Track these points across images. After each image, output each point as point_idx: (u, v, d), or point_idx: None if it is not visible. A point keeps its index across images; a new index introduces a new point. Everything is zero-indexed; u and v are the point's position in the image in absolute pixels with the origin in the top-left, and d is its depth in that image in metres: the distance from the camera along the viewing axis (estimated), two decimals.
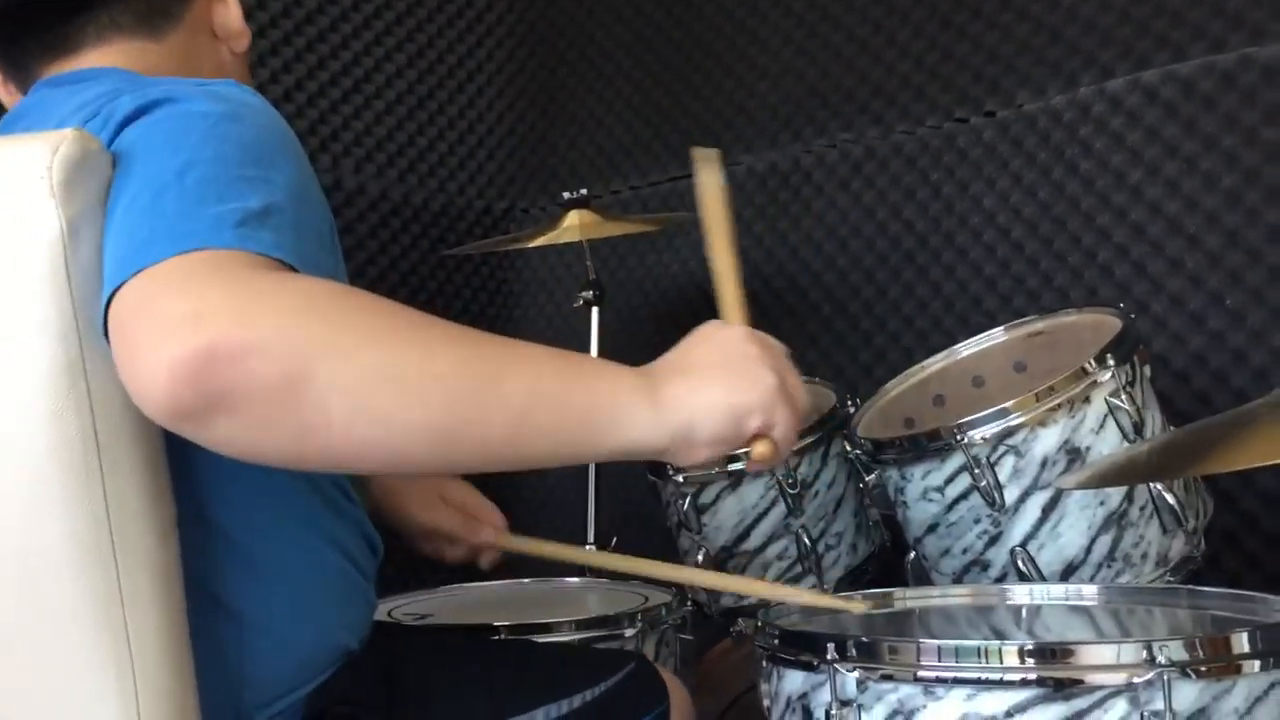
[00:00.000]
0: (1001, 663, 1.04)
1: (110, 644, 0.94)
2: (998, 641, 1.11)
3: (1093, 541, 1.56)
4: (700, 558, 1.98)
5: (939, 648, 1.07)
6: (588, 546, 2.17)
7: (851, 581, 1.97)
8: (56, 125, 0.98)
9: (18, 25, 1.15)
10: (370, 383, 0.81)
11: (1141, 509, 1.57)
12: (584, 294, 2.36)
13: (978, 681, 1.05)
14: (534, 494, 3.11)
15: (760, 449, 0.97)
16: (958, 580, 1.66)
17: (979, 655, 1.05)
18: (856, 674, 1.10)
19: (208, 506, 1.03)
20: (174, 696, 0.97)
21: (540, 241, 2.31)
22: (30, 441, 0.91)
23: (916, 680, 1.08)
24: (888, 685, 1.09)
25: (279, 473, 0.94)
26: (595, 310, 2.35)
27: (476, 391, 0.84)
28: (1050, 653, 1.05)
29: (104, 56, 1.14)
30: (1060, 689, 1.03)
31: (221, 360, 0.77)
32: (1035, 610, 1.43)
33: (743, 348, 0.97)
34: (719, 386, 0.93)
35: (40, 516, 0.92)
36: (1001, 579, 1.60)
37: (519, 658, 1.34)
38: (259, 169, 0.91)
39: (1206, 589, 1.34)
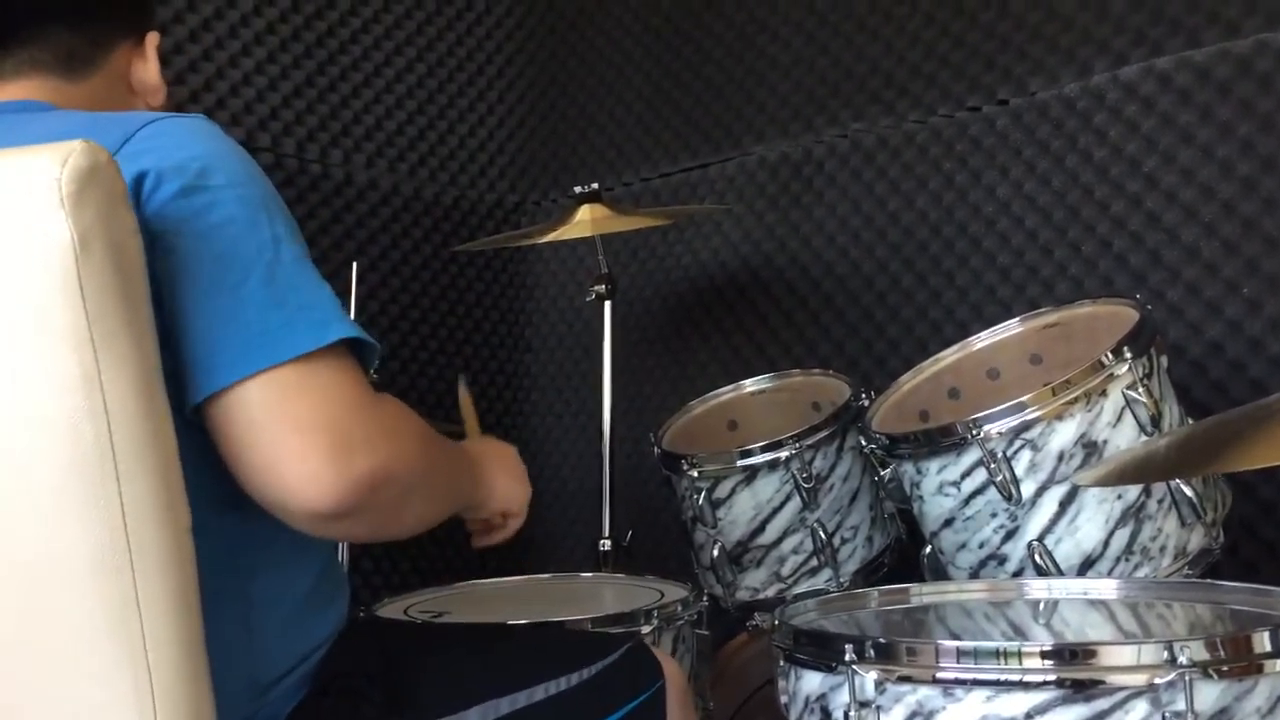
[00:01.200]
0: (1021, 664, 1.04)
1: (128, 650, 0.94)
2: (1017, 643, 1.10)
3: (1110, 535, 1.55)
4: (716, 552, 1.98)
5: (958, 649, 1.07)
6: (603, 542, 2.16)
7: (868, 575, 1.97)
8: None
9: None
10: (427, 496, 1.14)
11: (1160, 502, 1.56)
12: (596, 288, 2.36)
13: (997, 683, 1.04)
14: (549, 487, 3.11)
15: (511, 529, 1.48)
16: (974, 574, 1.65)
17: (998, 657, 1.05)
18: (875, 675, 1.10)
19: (238, 509, 1.06)
20: (191, 700, 0.97)
21: (552, 237, 2.31)
22: (47, 451, 0.91)
23: (935, 682, 1.07)
24: (906, 687, 1.08)
25: None
26: (608, 305, 2.35)
27: (451, 490, 1.25)
28: (1070, 654, 1.04)
29: (23, 89, 1.20)
30: (1081, 690, 1.02)
31: (378, 485, 1.01)
32: (1053, 605, 1.42)
33: (519, 466, 1.43)
34: (514, 486, 1.41)
35: (58, 525, 0.92)
36: (1019, 573, 1.59)
37: (517, 637, 1.38)
38: (298, 231, 1.09)
39: (1226, 583, 1.33)
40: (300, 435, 0.98)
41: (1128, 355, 1.56)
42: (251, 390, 0.98)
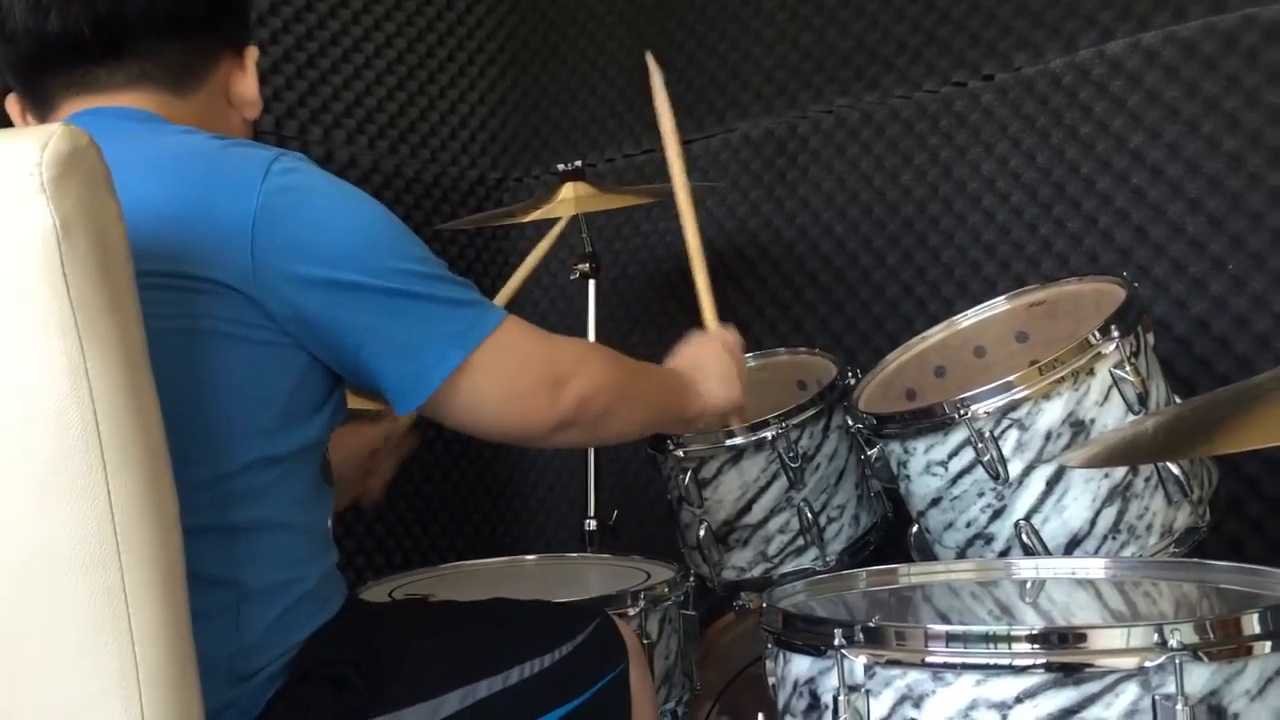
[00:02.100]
0: (1011, 648, 1.04)
1: (114, 642, 0.93)
2: (1006, 626, 1.10)
3: (1097, 514, 1.55)
4: (702, 532, 1.98)
5: (947, 633, 1.07)
6: (588, 521, 2.16)
7: (854, 554, 1.97)
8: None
9: (46, 61, 1.21)
10: (631, 406, 1.40)
11: (1146, 480, 1.56)
12: (580, 266, 2.34)
13: (987, 667, 1.04)
14: (534, 466, 3.11)
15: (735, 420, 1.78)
16: (961, 554, 1.65)
17: (988, 640, 1.05)
18: (864, 659, 1.10)
19: (233, 511, 1.10)
20: (177, 691, 0.97)
21: (535, 215, 2.29)
22: (33, 441, 0.89)
23: (925, 665, 1.07)
24: (896, 671, 1.08)
25: (306, 478, 1.20)
26: (592, 283, 2.34)
27: (657, 404, 1.50)
28: (1060, 637, 1.04)
29: (136, 99, 1.23)
30: (1071, 674, 1.02)
31: (582, 402, 1.29)
32: (1040, 584, 1.42)
33: (727, 365, 1.63)
34: (724, 390, 1.61)
35: (46, 515, 0.91)
36: (1005, 552, 1.60)
37: (492, 618, 1.40)
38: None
39: (1213, 562, 1.33)
40: (511, 388, 1.23)
41: (1115, 333, 1.55)
42: (465, 372, 1.18)
